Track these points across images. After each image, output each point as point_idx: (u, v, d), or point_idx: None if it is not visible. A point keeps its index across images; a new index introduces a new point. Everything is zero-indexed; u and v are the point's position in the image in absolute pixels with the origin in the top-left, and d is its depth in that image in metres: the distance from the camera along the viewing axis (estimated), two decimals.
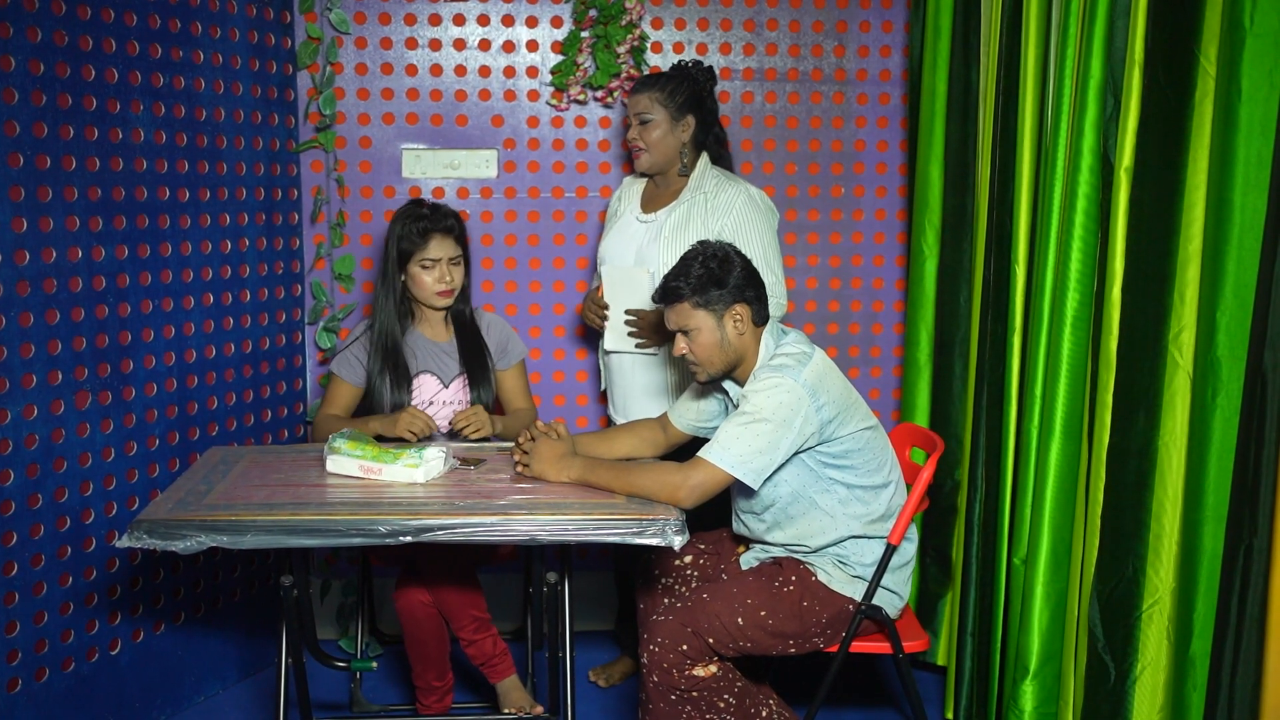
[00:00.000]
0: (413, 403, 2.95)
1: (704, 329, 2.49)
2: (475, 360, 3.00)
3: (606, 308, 3.04)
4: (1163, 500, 2.29)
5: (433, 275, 2.92)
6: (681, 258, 2.53)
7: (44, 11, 2.65)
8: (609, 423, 3.24)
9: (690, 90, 3.01)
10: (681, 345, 2.52)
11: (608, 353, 3.12)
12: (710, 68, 3.08)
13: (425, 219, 2.92)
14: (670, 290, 2.50)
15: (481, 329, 3.06)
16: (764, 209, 3.01)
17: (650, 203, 3.11)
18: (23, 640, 2.70)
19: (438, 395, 2.99)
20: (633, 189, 3.18)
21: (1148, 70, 2.31)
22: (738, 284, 2.49)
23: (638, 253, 3.05)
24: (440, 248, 2.92)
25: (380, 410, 2.95)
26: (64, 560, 2.79)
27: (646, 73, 3.38)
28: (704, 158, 3.07)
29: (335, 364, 3.00)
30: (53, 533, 2.75)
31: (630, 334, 3.01)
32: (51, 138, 2.68)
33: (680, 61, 3.11)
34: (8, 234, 2.59)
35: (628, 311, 3.01)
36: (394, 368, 2.94)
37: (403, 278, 2.96)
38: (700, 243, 2.56)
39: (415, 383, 2.97)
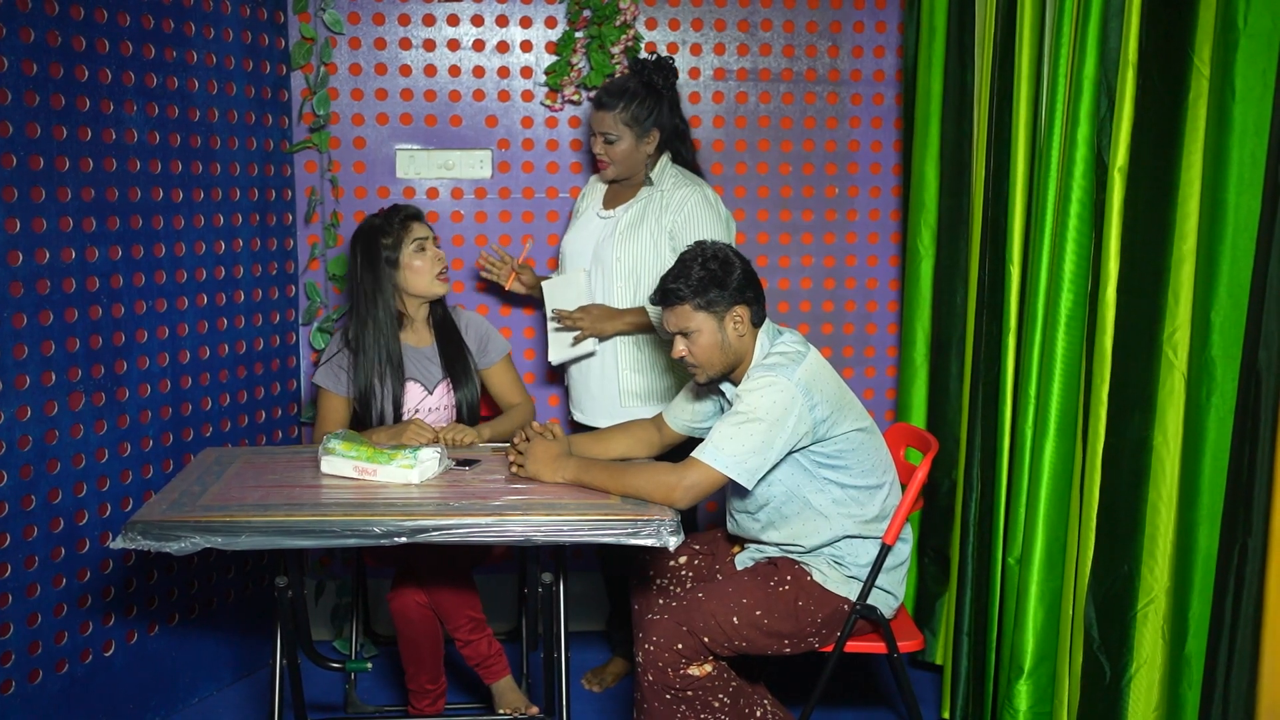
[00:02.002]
0: (402, 412, 2.95)
1: (705, 331, 2.49)
2: (457, 363, 2.99)
3: (501, 264, 3.22)
4: (1157, 499, 2.29)
5: (427, 258, 2.92)
6: (680, 258, 2.53)
7: (37, 12, 2.64)
8: (574, 423, 3.25)
9: (653, 104, 3.02)
10: (681, 347, 2.52)
11: (553, 365, 3.19)
12: (671, 65, 3.06)
13: (398, 212, 2.93)
14: (670, 292, 2.50)
15: (460, 328, 3.05)
16: (717, 210, 3.05)
17: (612, 199, 3.14)
18: (16, 642, 2.69)
19: (422, 402, 2.97)
20: (597, 186, 3.21)
21: (1142, 71, 2.32)
22: (738, 285, 2.49)
23: (595, 248, 3.09)
24: (423, 227, 2.95)
25: (369, 421, 2.93)
26: (58, 562, 2.78)
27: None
28: (665, 156, 3.10)
29: (320, 379, 2.96)
30: (46, 534, 2.75)
31: (561, 331, 3.05)
32: (45, 138, 2.68)
33: (639, 61, 3.10)
34: (1, 235, 2.59)
35: (557, 313, 3.04)
36: (389, 378, 2.91)
37: (393, 283, 2.92)
38: (698, 243, 2.56)
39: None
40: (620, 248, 3.03)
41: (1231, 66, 2.05)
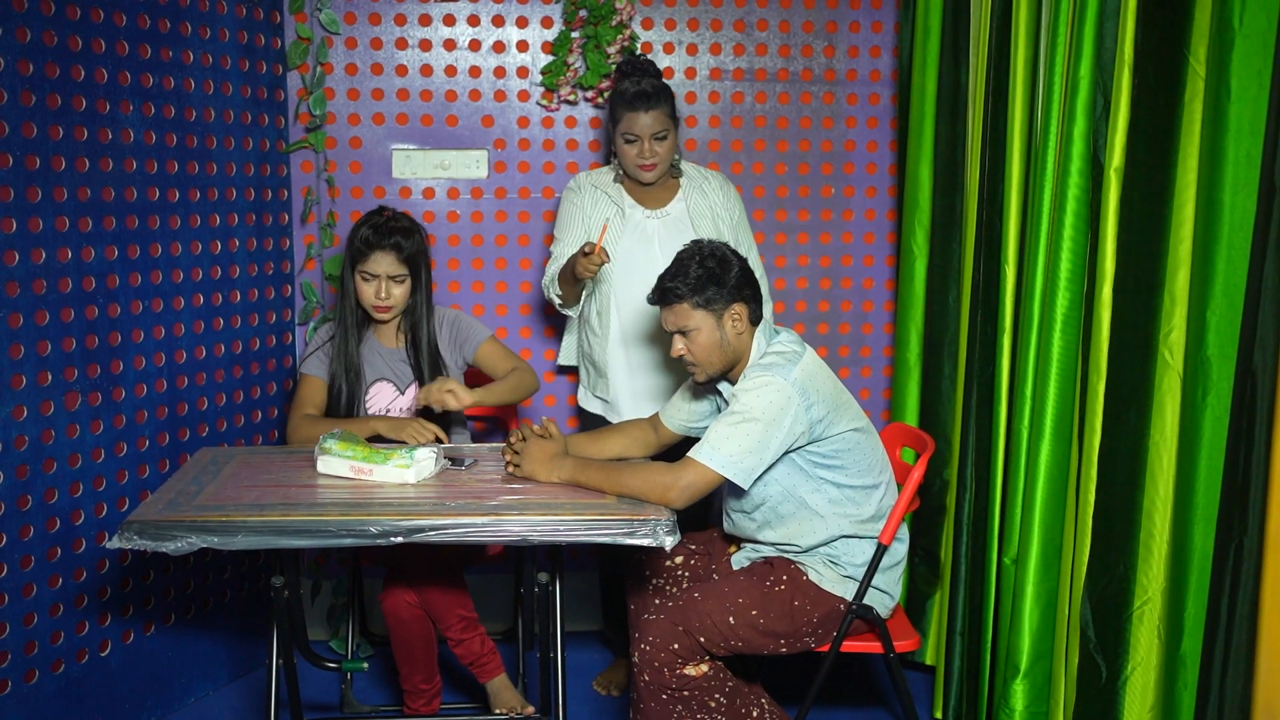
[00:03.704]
0: (368, 410, 2.95)
1: (703, 329, 2.49)
2: (429, 368, 2.95)
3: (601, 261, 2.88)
4: (1153, 500, 2.30)
5: (370, 288, 2.88)
6: (677, 257, 2.53)
7: (33, 12, 2.64)
8: (579, 415, 3.23)
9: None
10: (680, 346, 2.53)
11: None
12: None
13: (374, 230, 2.87)
14: (668, 291, 2.50)
15: (439, 334, 2.99)
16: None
17: (651, 199, 3.10)
18: (12, 642, 2.69)
19: (394, 403, 2.97)
20: (612, 189, 3.10)
21: (1138, 71, 2.32)
22: (736, 283, 2.49)
23: (661, 247, 3.04)
24: (380, 264, 2.86)
25: (335, 414, 2.93)
26: (53, 562, 2.78)
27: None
28: None
29: (306, 366, 2.96)
30: (42, 534, 2.74)
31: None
32: (41, 138, 2.67)
33: (639, 58, 3.10)
34: None
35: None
36: (347, 371, 2.92)
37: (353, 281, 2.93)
38: (694, 242, 2.56)
39: (371, 390, 2.96)
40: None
41: (1227, 66, 2.05)
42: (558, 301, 3.11)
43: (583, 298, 3.10)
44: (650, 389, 3.09)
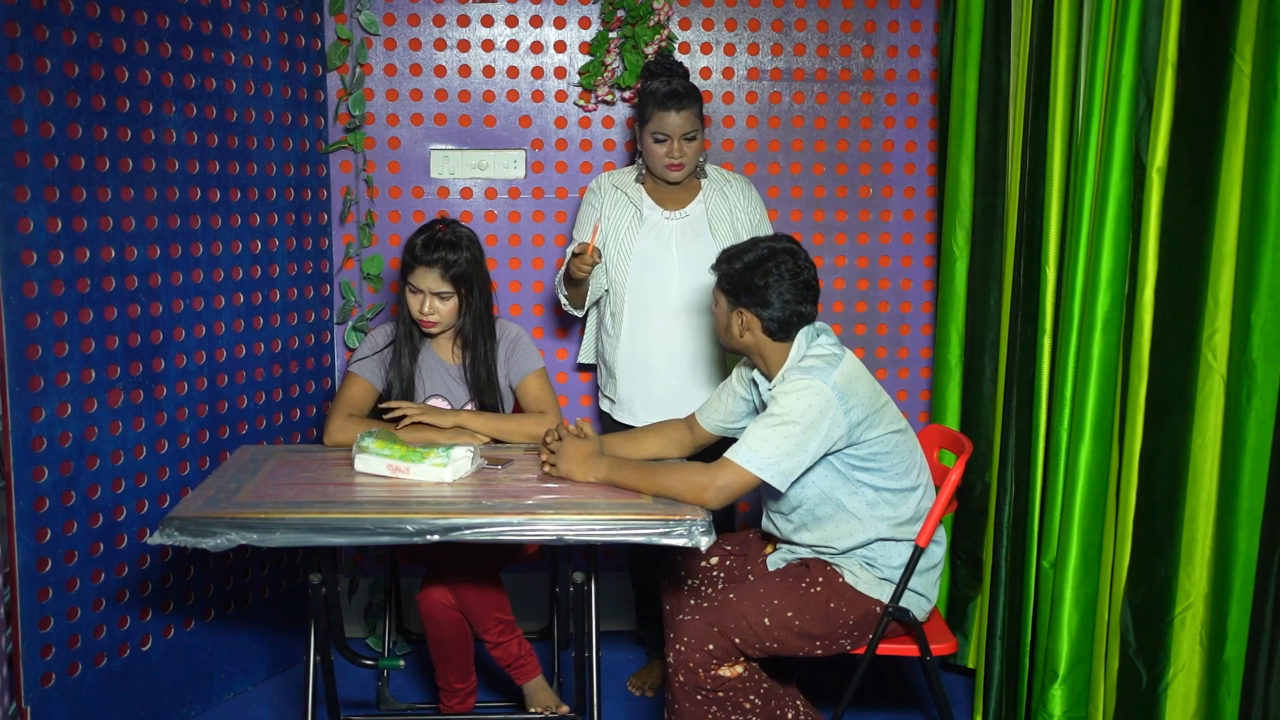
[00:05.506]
0: None
1: (719, 309, 2.60)
2: (484, 389, 2.91)
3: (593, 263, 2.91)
4: (1196, 504, 2.27)
5: (416, 302, 2.84)
6: (752, 239, 2.61)
7: (79, 14, 2.68)
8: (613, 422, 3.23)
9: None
10: (713, 307, 2.65)
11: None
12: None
13: (422, 244, 2.81)
14: (716, 263, 2.61)
15: (497, 349, 2.95)
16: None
17: (672, 200, 3.11)
18: (56, 636, 2.72)
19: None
20: (632, 189, 3.11)
21: (1181, 69, 2.29)
22: (761, 298, 2.49)
23: (678, 248, 3.06)
24: (424, 279, 2.81)
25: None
26: (96, 557, 2.82)
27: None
28: None
29: (358, 366, 2.92)
30: (85, 529, 2.78)
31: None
32: (85, 139, 2.71)
33: (669, 58, 3.12)
34: (42, 234, 2.62)
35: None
36: (400, 381, 2.90)
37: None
38: (772, 243, 2.56)
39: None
40: (723, 243, 2.93)
41: (1273, 64, 2.02)
42: (564, 301, 3.15)
43: (588, 299, 3.12)
44: (656, 391, 3.09)
